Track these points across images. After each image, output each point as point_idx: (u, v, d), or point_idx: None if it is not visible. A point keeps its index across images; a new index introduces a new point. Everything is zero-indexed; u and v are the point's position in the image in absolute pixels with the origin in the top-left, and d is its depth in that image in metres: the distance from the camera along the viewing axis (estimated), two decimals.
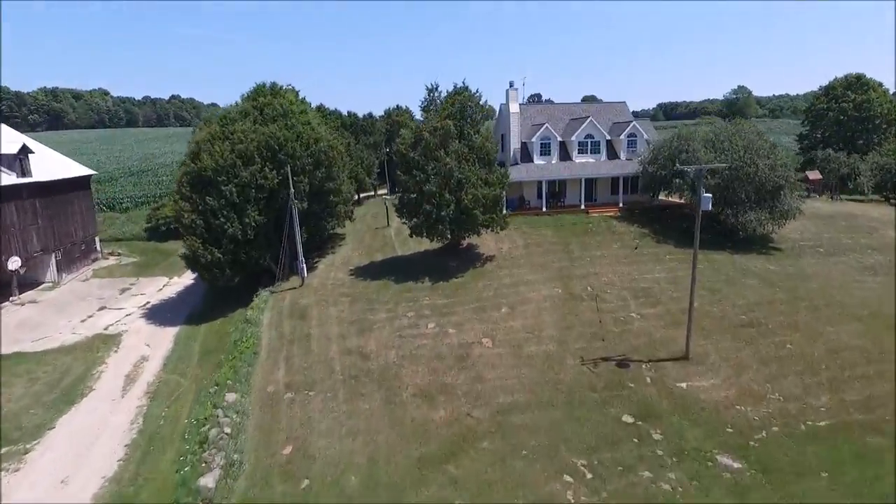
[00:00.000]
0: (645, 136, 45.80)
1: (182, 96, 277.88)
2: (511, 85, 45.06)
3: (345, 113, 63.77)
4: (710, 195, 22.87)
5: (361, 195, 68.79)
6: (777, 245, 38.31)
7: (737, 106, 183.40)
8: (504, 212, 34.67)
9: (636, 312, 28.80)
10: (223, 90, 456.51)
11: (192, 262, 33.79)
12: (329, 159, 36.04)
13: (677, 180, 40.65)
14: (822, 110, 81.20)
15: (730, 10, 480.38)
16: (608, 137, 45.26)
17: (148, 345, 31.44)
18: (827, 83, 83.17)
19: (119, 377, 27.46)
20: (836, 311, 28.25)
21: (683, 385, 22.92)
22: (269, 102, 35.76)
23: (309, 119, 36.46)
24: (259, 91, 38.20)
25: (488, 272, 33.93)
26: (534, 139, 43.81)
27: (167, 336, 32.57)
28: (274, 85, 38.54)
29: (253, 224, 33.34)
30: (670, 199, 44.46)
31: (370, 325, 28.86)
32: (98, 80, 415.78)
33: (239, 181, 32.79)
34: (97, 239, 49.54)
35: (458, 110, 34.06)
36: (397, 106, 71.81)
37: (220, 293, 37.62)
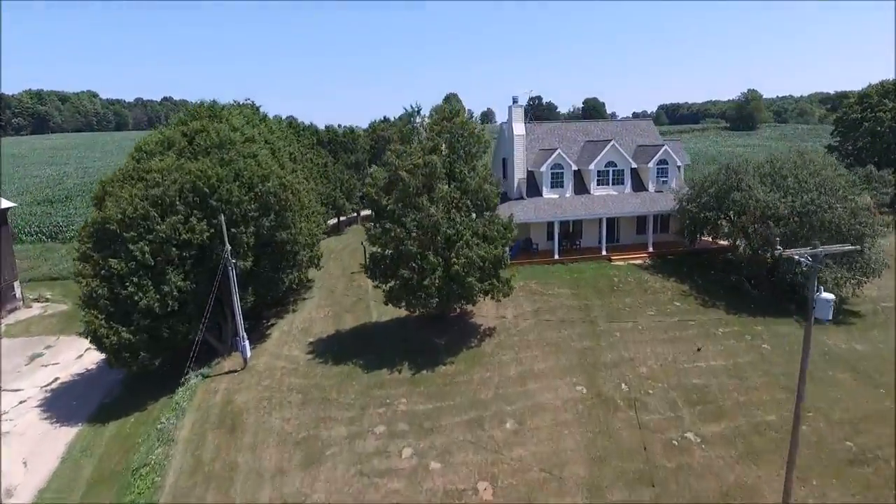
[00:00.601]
0: (678, 163, 37.64)
1: (174, 98, 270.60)
2: (514, 101, 36.95)
3: (322, 128, 55.68)
4: (832, 297, 14.63)
5: (342, 218, 60.69)
6: (853, 307, 30.14)
7: (746, 110, 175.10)
8: (508, 264, 26.42)
9: (694, 432, 20.57)
10: (220, 91, 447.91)
11: (95, 341, 25.56)
12: (281, 202, 27.81)
13: (725, 223, 32.55)
14: (855, 120, 73.46)
15: (730, 9, 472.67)
16: (633, 165, 37.06)
17: (25, 463, 23.18)
18: (861, 89, 75.85)
19: None
20: None
21: None
22: (201, 129, 27.45)
23: (255, 150, 28.13)
24: (194, 113, 29.92)
25: (486, 356, 25.69)
26: (543, 168, 35.60)
27: (58, 444, 24.31)
28: (213, 105, 30.24)
29: (175, 292, 25.10)
30: (717, 241, 35.91)
31: (322, 448, 20.63)
32: (90, 82, 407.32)
33: (154, 237, 24.55)
34: (16, 284, 41.25)
35: (448, 140, 25.86)
36: (384, 118, 63.74)
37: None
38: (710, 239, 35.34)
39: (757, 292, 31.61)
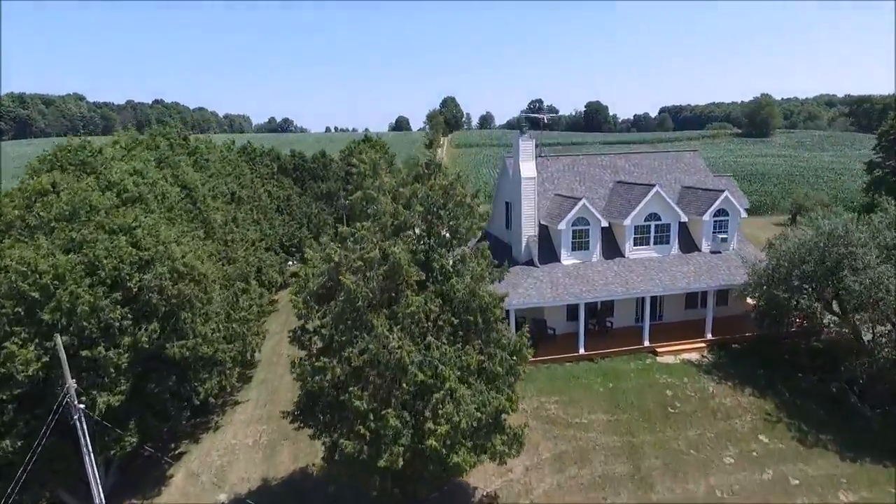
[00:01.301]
0: (741, 213, 28.11)
1: (165, 100, 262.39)
2: (521, 130, 27.58)
3: (287, 153, 46.22)
4: None
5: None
6: None
7: (760, 116, 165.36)
8: (516, 407, 16.85)
9: None
10: (215, 94, 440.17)
11: None
12: (171, 300, 18.21)
13: (824, 310, 23.12)
14: None
15: (729, 8, 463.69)
16: (683, 218, 27.48)
17: None
18: None
19: None
20: None
21: None
22: (46, 189, 17.86)
23: (135, 220, 18.43)
24: (53, 158, 20.33)
25: None
26: (562, 225, 25.99)
27: None
28: (82, 146, 20.60)
29: None
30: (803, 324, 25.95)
31: None
32: (81, 85, 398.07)
33: None
34: None
35: (422, 215, 16.29)
36: (366, 136, 54.09)
37: None
38: (802, 324, 25.39)
39: (869, 409, 22.15)
